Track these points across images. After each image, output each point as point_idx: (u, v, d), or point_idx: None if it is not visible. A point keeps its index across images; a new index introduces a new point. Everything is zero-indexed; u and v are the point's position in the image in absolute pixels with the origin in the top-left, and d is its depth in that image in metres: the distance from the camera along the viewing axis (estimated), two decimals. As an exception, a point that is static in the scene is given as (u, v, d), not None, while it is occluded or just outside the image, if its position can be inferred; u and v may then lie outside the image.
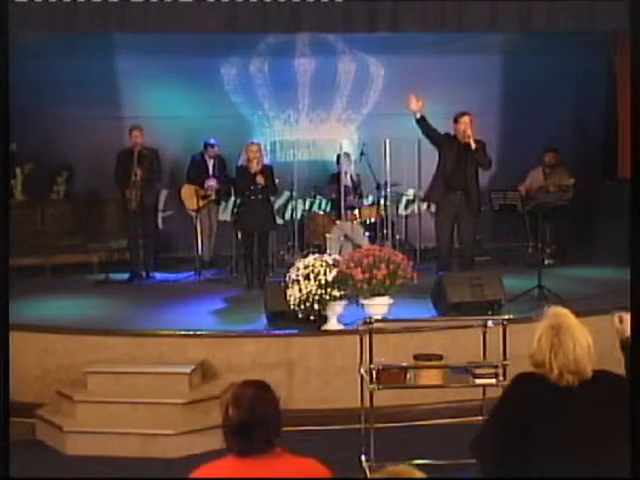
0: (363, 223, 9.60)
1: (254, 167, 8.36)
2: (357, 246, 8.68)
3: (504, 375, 4.81)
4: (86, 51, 9.98)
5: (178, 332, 6.53)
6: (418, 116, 7.82)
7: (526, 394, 3.02)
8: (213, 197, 9.99)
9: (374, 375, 4.88)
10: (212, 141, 10.05)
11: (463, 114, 7.89)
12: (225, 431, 2.72)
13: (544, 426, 2.93)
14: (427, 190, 8.37)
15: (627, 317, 3.18)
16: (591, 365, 2.96)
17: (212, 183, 9.86)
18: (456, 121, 7.89)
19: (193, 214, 9.82)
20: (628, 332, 3.16)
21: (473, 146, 7.75)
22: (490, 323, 5.15)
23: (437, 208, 8.25)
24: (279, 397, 2.76)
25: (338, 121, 11.03)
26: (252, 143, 8.72)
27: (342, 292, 6.42)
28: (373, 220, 9.69)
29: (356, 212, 9.65)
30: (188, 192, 9.95)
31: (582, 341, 2.96)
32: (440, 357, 5.14)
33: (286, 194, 10.44)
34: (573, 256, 9.78)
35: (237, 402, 2.70)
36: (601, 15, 8.29)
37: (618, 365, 3.37)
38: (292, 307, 6.48)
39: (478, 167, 7.94)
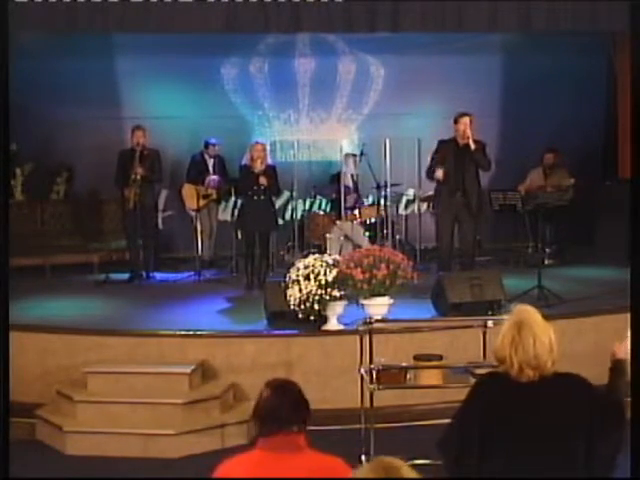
0: (363, 223, 9.59)
1: (258, 167, 8.34)
2: (357, 246, 8.67)
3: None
4: (86, 51, 9.99)
5: (178, 332, 6.53)
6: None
7: (487, 393, 3.08)
8: (214, 197, 9.99)
9: (374, 375, 4.88)
10: (213, 140, 10.06)
11: (463, 115, 7.88)
12: (255, 414, 2.84)
13: (502, 422, 2.97)
14: (433, 195, 8.38)
15: (624, 345, 3.21)
16: (552, 362, 2.99)
17: (214, 177, 9.85)
18: (456, 121, 7.88)
19: (193, 214, 9.82)
20: (621, 355, 3.18)
21: (472, 147, 7.74)
22: (490, 323, 5.15)
23: (438, 209, 8.25)
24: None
25: (338, 121, 11.04)
26: (257, 143, 8.67)
27: (342, 292, 6.42)
28: (373, 220, 9.69)
29: (356, 212, 9.65)
30: (189, 192, 9.95)
31: (543, 338, 2.99)
32: (440, 357, 5.14)
33: (286, 194, 10.44)
34: (573, 256, 9.78)
35: (269, 385, 2.88)
36: (601, 15, 8.29)
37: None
38: (292, 307, 6.48)
39: (478, 168, 7.94)
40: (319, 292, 6.36)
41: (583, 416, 2.95)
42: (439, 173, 7.81)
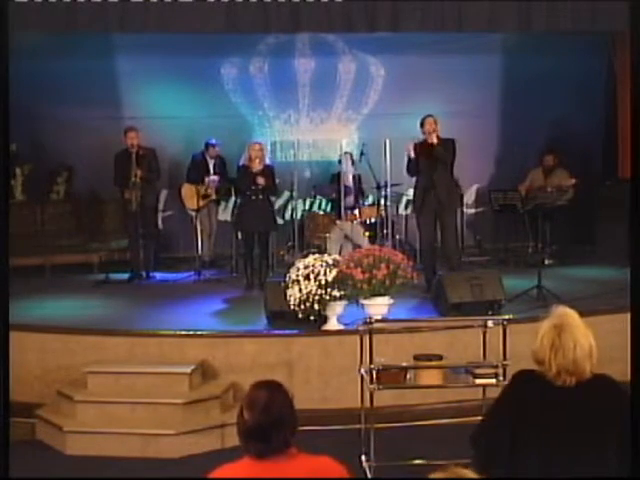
0: (363, 223, 9.59)
1: (256, 167, 8.35)
2: (357, 246, 8.67)
3: (504, 375, 4.81)
4: (86, 51, 9.99)
5: (178, 332, 6.53)
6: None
7: (522, 392, 3.05)
8: (213, 197, 9.98)
9: (374, 375, 4.88)
10: (213, 141, 10.05)
11: (427, 116, 8.03)
12: (241, 434, 2.69)
13: (535, 424, 2.95)
14: (413, 199, 8.45)
15: None
16: (591, 367, 2.97)
17: (214, 178, 9.85)
18: (422, 124, 7.98)
19: (193, 214, 9.83)
20: None
21: (434, 141, 7.83)
22: (490, 323, 5.15)
23: (417, 210, 8.30)
24: (292, 396, 2.76)
25: (338, 121, 11.04)
26: (255, 142, 8.71)
27: (342, 292, 6.41)
28: (373, 220, 9.69)
29: (356, 212, 9.65)
30: (188, 192, 9.95)
31: (583, 343, 2.96)
32: (440, 357, 5.14)
33: (286, 194, 10.44)
34: (573, 256, 9.78)
35: (251, 405, 2.68)
36: (601, 15, 8.30)
37: (616, 364, 3.37)
38: (292, 307, 6.48)
39: (446, 164, 7.99)
40: (319, 292, 6.36)
41: (616, 421, 2.94)
42: (409, 148, 7.94)
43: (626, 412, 2.96)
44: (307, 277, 6.41)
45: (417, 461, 5.07)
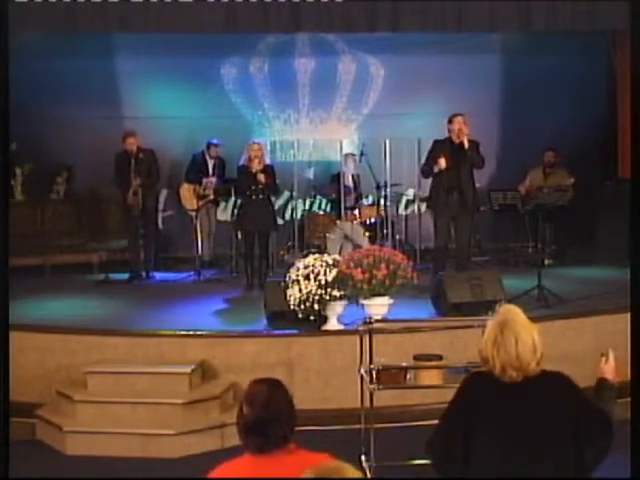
0: (363, 223, 9.59)
1: (256, 166, 8.35)
2: (357, 246, 8.67)
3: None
4: (86, 51, 10.01)
5: (178, 332, 6.53)
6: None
7: (471, 393, 3.08)
8: (211, 197, 9.98)
9: (374, 375, 4.88)
10: (215, 141, 10.06)
11: (456, 115, 7.92)
12: (240, 429, 2.72)
13: (486, 422, 2.96)
14: (429, 196, 8.36)
15: (612, 358, 3.21)
16: (536, 362, 2.96)
17: (211, 180, 9.85)
18: (450, 121, 7.91)
19: (192, 214, 9.83)
20: (606, 374, 3.18)
21: (466, 145, 7.74)
22: (490, 323, 5.14)
23: (435, 209, 8.26)
24: (292, 395, 2.78)
25: (338, 121, 11.04)
26: (254, 142, 8.72)
27: (342, 292, 6.41)
28: (373, 220, 9.69)
29: (356, 212, 9.65)
30: (187, 192, 9.96)
31: (525, 338, 2.97)
32: (440, 357, 5.14)
33: (286, 194, 10.44)
34: (573, 256, 9.78)
35: (251, 400, 2.71)
36: (601, 15, 8.30)
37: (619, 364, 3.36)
38: (292, 307, 6.48)
39: (472, 166, 7.96)
40: (319, 292, 6.35)
41: (568, 417, 2.91)
42: (442, 162, 7.78)
43: (581, 408, 2.94)
44: (307, 277, 6.41)
45: (417, 461, 5.06)
